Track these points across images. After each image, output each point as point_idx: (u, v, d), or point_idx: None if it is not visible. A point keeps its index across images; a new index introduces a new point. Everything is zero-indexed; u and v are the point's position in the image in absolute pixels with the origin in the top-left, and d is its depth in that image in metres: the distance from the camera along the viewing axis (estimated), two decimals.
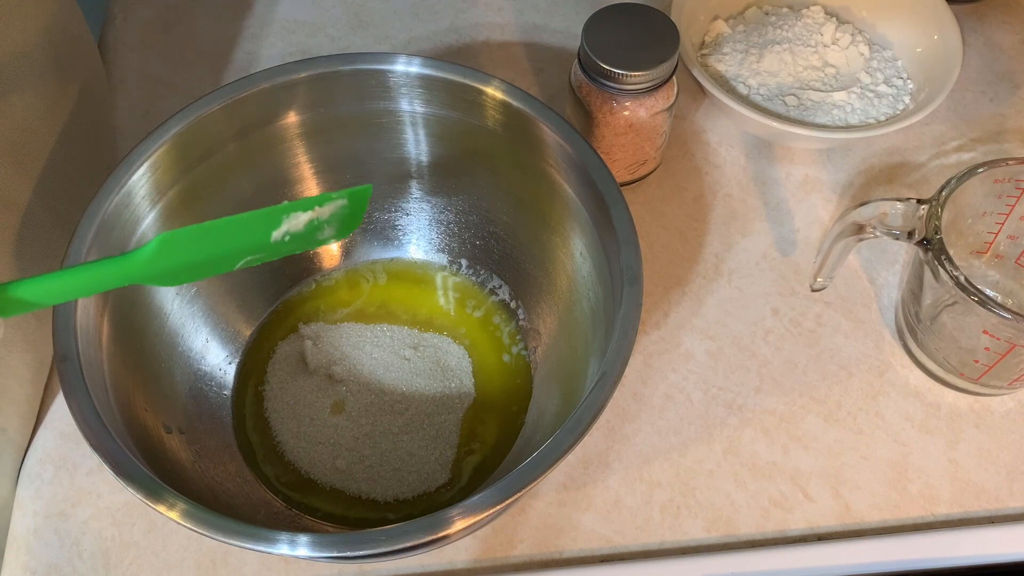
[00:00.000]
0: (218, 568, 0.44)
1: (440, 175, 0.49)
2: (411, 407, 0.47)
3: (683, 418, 0.48)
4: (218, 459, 0.44)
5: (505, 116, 0.44)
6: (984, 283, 0.50)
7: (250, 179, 0.47)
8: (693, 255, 0.54)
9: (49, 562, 0.44)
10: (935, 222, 0.44)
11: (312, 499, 0.45)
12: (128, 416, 0.39)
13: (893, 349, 0.50)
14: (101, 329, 0.39)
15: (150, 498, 0.34)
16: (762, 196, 0.56)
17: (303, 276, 0.51)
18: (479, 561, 0.44)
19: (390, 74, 0.45)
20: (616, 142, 0.52)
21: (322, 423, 0.46)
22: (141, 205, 0.42)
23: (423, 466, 0.46)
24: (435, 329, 0.50)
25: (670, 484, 0.46)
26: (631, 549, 0.45)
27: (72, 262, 0.38)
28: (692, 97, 0.59)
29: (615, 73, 0.48)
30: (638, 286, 0.38)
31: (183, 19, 0.64)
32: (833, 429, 0.48)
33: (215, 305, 0.47)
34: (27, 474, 0.47)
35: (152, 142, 0.42)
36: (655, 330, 0.51)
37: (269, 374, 0.48)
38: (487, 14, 0.64)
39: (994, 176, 0.45)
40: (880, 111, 0.56)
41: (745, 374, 0.49)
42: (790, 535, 0.45)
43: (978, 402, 0.49)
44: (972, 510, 0.46)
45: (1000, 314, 0.41)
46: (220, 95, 0.43)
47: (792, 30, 0.59)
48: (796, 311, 0.52)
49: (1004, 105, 0.60)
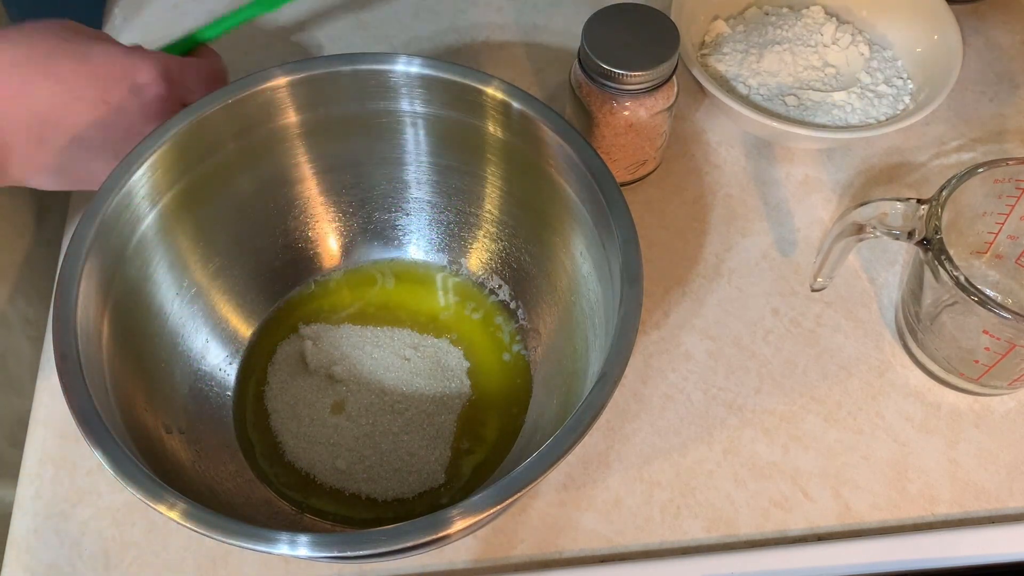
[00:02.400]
0: (218, 568, 0.44)
1: (440, 175, 0.49)
2: (411, 407, 0.47)
3: (683, 418, 0.48)
4: (218, 459, 0.44)
5: (505, 116, 0.44)
6: (984, 283, 0.50)
7: (250, 179, 0.47)
8: (693, 255, 0.54)
9: (49, 562, 0.44)
10: (935, 222, 0.44)
11: (312, 499, 0.45)
12: (128, 416, 0.39)
13: (893, 349, 0.50)
14: (101, 329, 0.39)
15: (150, 498, 0.34)
16: (762, 196, 0.56)
17: (303, 277, 0.51)
18: (479, 561, 0.44)
19: (390, 74, 0.45)
20: (616, 142, 0.52)
21: (322, 423, 0.46)
22: (141, 205, 0.42)
23: (423, 466, 0.46)
24: (435, 330, 0.50)
25: (670, 484, 0.46)
26: (631, 549, 0.45)
27: (72, 262, 0.38)
28: (692, 97, 0.59)
29: (615, 73, 0.48)
30: (638, 286, 0.38)
31: (183, 19, 0.64)
32: (833, 429, 0.48)
33: (215, 305, 0.47)
34: (27, 474, 0.47)
35: (152, 142, 0.42)
36: (655, 330, 0.51)
37: (269, 374, 0.48)
38: (487, 14, 0.64)
39: (994, 176, 0.45)
40: (880, 111, 0.56)
41: (745, 374, 0.49)
42: (790, 535, 0.45)
43: (978, 402, 0.49)
44: (972, 510, 0.46)
45: (1000, 314, 0.41)
46: (220, 95, 0.43)
47: (792, 30, 0.59)
48: (796, 311, 0.52)
49: (1004, 105, 0.60)
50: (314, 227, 0.50)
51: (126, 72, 0.45)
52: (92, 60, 0.44)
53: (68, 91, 0.43)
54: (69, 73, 0.43)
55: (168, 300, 0.45)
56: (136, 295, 0.43)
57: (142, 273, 0.43)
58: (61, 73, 0.43)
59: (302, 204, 0.49)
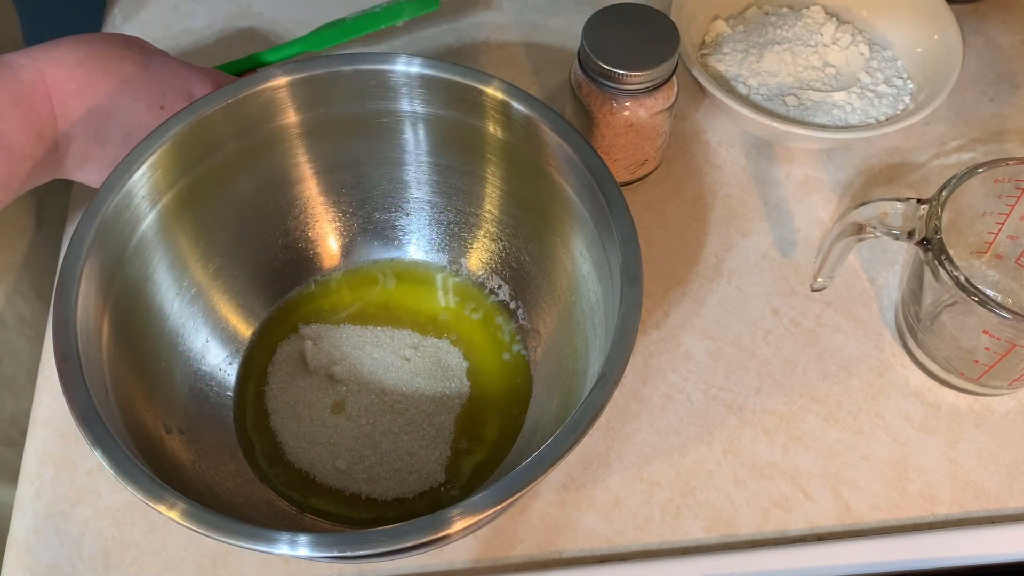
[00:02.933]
0: (218, 568, 0.44)
1: (440, 175, 0.49)
2: (411, 407, 0.47)
3: (683, 418, 0.48)
4: (218, 459, 0.44)
5: (505, 116, 0.44)
6: (984, 283, 0.50)
7: (250, 179, 0.47)
8: (693, 255, 0.54)
9: (49, 562, 0.44)
10: (935, 222, 0.44)
11: (312, 499, 0.45)
12: (128, 416, 0.39)
13: (893, 349, 0.50)
14: (101, 329, 0.39)
15: (150, 498, 0.34)
16: (762, 196, 0.56)
17: (303, 277, 0.51)
18: (479, 561, 0.44)
19: (390, 74, 0.45)
20: (616, 142, 0.52)
21: (322, 423, 0.46)
22: (141, 205, 0.42)
23: (423, 466, 0.46)
24: (435, 330, 0.50)
25: (670, 484, 0.46)
26: (631, 549, 0.45)
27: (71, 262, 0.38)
28: (692, 97, 0.59)
29: (615, 73, 0.48)
30: (638, 286, 0.38)
31: (183, 20, 0.64)
32: (833, 429, 0.48)
33: (215, 305, 0.47)
34: (27, 474, 0.47)
35: (152, 142, 0.42)
36: (655, 330, 0.51)
37: (269, 374, 0.48)
38: (487, 14, 0.64)
39: (994, 176, 0.45)
40: (880, 111, 0.56)
41: (745, 374, 0.49)
42: (790, 535, 0.45)
43: (978, 402, 0.49)
44: (972, 510, 0.46)
45: (1000, 314, 0.41)
46: (220, 95, 0.43)
47: (792, 30, 0.59)
48: (796, 311, 0.52)
49: (1004, 105, 0.60)
50: (314, 227, 0.50)
51: (183, 82, 0.47)
52: (152, 67, 0.47)
53: (128, 92, 0.45)
54: (130, 75, 0.46)
55: (168, 300, 0.45)
56: (136, 295, 0.43)
57: (142, 273, 0.43)
58: (123, 74, 0.45)
59: (302, 204, 0.49)
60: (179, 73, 0.48)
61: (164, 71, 0.47)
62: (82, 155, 0.46)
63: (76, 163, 0.46)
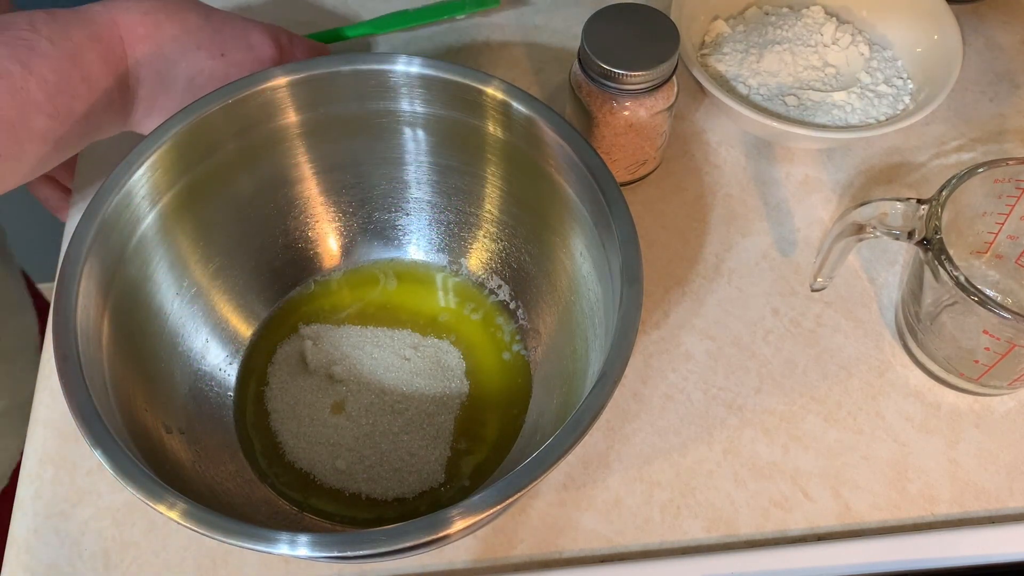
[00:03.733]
0: (218, 568, 0.44)
1: (440, 175, 0.49)
2: (411, 407, 0.47)
3: (683, 418, 0.48)
4: (218, 459, 0.44)
5: (505, 116, 0.44)
6: (984, 283, 0.50)
7: (250, 179, 0.47)
8: (693, 255, 0.54)
9: (49, 562, 0.44)
10: (935, 222, 0.44)
11: (312, 499, 0.45)
12: (128, 416, 0.39)
13: (893, 349, 0.50)
14: (101, 329, 0.39)
15: (150, 498, 0.34)
16: (762, 196, 0.56)
17: (303, 277, 0.51)
18: (479, 561, 0.44)
19: (390, 74, 0.45)
20: (616, 142, 0.52)
21: (322, 423, 0.46)
22: (141, 205, 0.42)
23: (423, 466, 0.46)
24: (435, 330, 0.50)
25: (670, 484, 0.46)
26: (631, 549, 0.45)
27: (71, 262, 0.39)
28: (692, 97, 0.59)
29: (615, 73, 0.48)
30: (638, 286, 0.38)
31: None
32: (833, 429, 0.48)
33: (215, 305, 0.47)
34: (27, 474, 0.47)
35: (152, 142, 0.42)
36: (655, 330, 0.51)
37: (269, 374, 0.48)
38: (487, 14, 0.64)
39: (994, 176, 0.45)
40: (880, 111, 0.56)
41: (745, 374, 0.49)
42: (790, 535, 0.45)
43: (978, 402, 0.49)
44: (972, 510, 0.46)
45: (1000, 314, 0.41)
46: (220, 95, 0.43)
47: (792, 30, 0.59)
48: (796, 311, 0.52)
49: (1004, 105, 0.60)
50: (314, 227, 0.50)
51: (243, 32, 0.50)
52: (213, 18, 0.49)
53: (191, 39, 0.48)
54: (193, 24, 0.48)
55: (168, 300, 0.45)
56: (136, 295, 0.43)
57: (142, 273, 0.43)
58: (187, 23, 0.48)
59: (302, 204, 0.49)
60: (239, 24, 0.50)
61: (225, 22, 0.49)
62: (149, 101, 0.47)
63: (144, 111, 0.48)
